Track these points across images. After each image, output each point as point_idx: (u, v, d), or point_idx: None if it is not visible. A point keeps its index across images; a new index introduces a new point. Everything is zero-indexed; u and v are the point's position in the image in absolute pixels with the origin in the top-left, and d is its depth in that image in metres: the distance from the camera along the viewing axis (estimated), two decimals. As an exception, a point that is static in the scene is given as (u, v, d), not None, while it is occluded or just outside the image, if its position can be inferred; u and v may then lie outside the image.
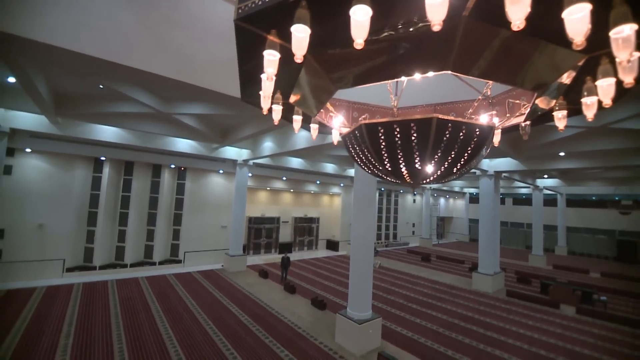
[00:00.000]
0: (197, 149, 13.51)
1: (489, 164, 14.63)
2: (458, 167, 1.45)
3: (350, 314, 7.66)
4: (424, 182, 1.62)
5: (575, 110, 1.82)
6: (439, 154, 1.37)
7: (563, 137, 9.88)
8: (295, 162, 17.21)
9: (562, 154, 12.14)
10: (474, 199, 35.35)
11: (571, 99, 1.76)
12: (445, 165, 1.42)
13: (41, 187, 12.65)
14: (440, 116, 1.35)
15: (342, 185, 23.40)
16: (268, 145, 13.12)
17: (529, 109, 1.72)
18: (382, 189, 27.18)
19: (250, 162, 15.31)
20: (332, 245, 23.00)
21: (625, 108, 7.30)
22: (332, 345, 7.61)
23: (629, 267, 22.01)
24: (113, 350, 6.84)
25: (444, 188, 30.34)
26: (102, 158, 13.77)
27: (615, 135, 9.71)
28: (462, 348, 7.91)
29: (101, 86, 7.66)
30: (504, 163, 14.22)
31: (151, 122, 10.85)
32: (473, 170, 15.29)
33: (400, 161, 1.43)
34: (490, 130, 1.50)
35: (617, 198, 24.87)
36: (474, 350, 7.85)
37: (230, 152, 14.59)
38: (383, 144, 1.43)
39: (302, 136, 11.00)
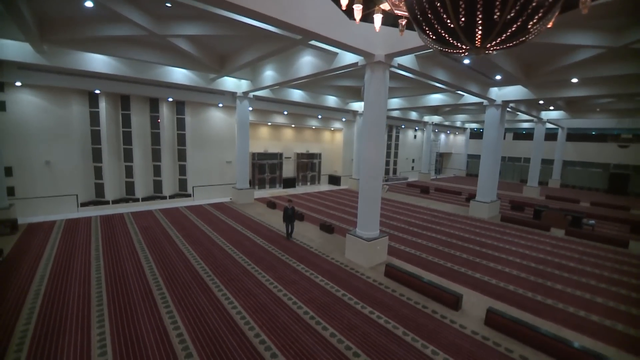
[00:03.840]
0: (194, 80, 12.87)
1: (497, 94, 14.20)
2: (535, 20, 1.38)
3: (359, 233, 8.21)
4: (492, 44, 1.56)
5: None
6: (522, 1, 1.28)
7: (578, 60, 9.40)
8: (297, 95, 16.63)
9: (574, 80, 11.71)
10: (474, 134, 35.31)
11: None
12: (524, 17, 1.35)
13: (40, 124, 12.33)
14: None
15: (343, 119, 22.99)
16: (269, 75, 12.46)
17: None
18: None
19: (251, 95, 14.75)
20: (334, 180, 23.60)
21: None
22: (343, 260, 8.34)
23: (618, 197, 23.09)
24: (143, 268, 7.47)
25: (446, 123, 29.99)
26: (97, 91, 13.16)
27: (633, 59, 9.30)
28: (460, 261, 8.71)
29: (90, 3, 6.92)
30: (513, 92, 13.78)
31: (144, 49, 10.13)
32: (480, 100, 14.90)
33: (479, 11, 1.35)
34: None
35: (616, 132, 24.81)
36: (471, 263, 8.65)
37: (229, 83, 13.95)
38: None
39: (306, 62, 10.39)
